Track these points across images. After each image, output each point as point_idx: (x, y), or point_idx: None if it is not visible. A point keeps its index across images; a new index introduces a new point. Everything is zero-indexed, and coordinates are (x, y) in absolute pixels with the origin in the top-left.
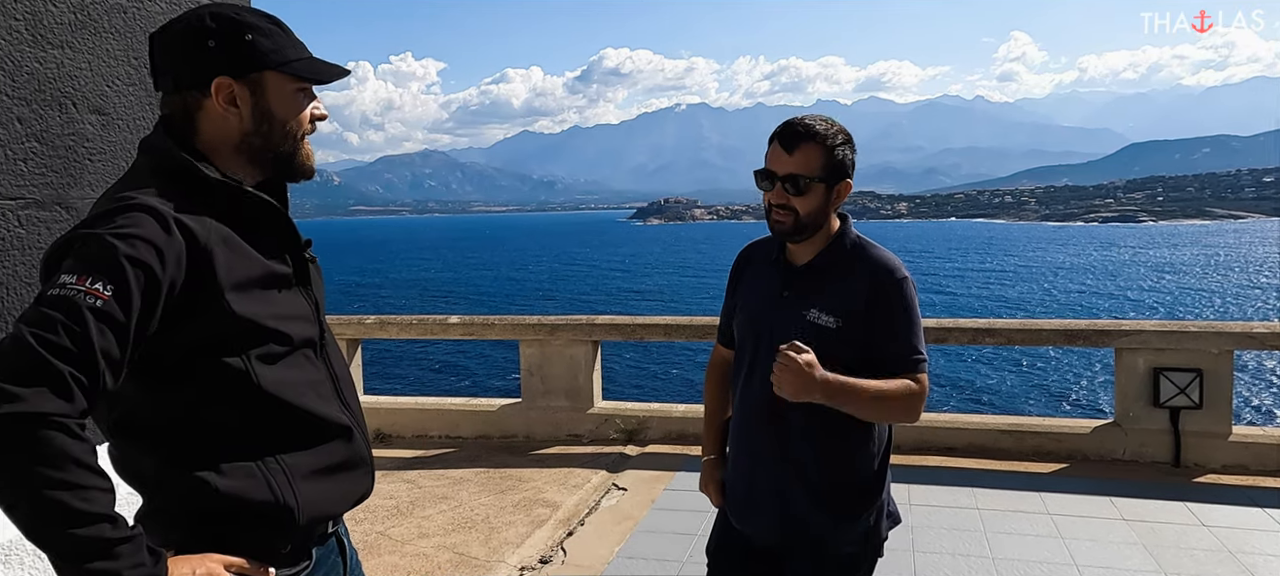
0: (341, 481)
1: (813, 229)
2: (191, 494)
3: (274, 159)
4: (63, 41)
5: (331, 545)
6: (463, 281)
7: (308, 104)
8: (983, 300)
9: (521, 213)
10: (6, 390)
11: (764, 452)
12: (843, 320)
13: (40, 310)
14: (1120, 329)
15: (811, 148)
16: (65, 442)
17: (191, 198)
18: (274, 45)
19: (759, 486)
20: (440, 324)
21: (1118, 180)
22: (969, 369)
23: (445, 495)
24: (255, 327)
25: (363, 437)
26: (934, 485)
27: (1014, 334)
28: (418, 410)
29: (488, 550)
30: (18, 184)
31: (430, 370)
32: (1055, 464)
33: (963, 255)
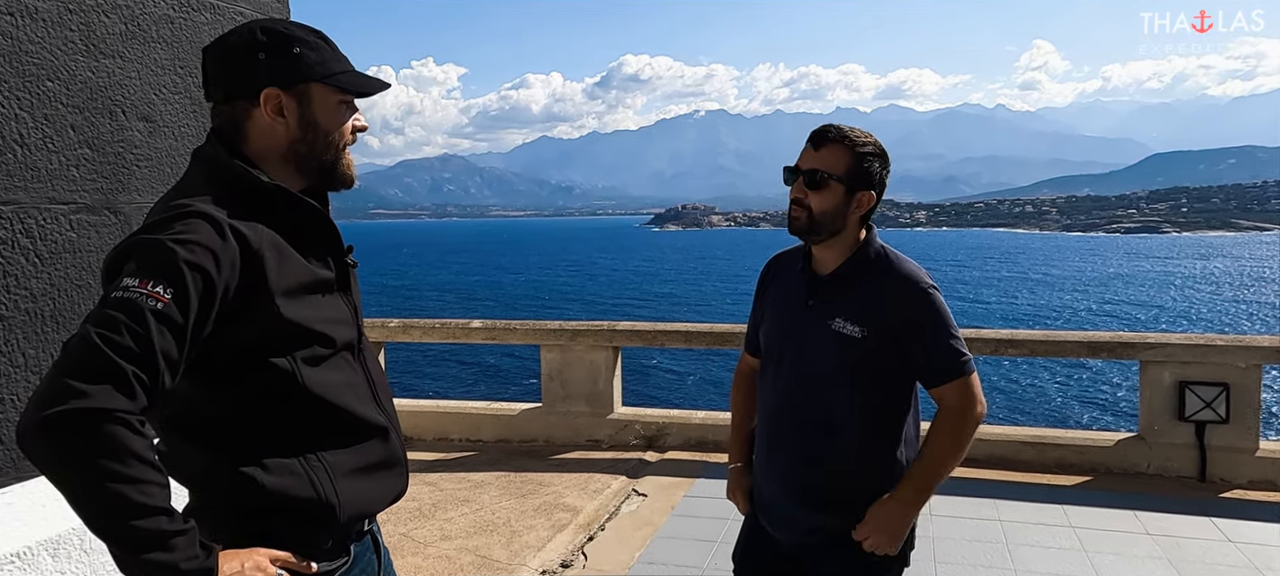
0: (379, 480)
1: (827, 231)
2: (238, 489)
3: (318, 167)
4: (114, 51)
5: (367, 543)
6: (482, 285)
7: (350, 116)
8: (1006, 310)
9: (539, 217)
10: (74, 387)
11: (790, 459)
12: (869, 331)
13: (105, 311)
14: (1145, 341)
15: (837, 148)
16: (127, 437)
17: (244, 204)
18: (320, 58)
19: (786, 492)
20: (462, 328)
21: (1140, 190)
22: (991, 380)
23: (466, 498)
24: (302, 331)
25: (398, 438)
26: (955, 496)
27: (1037, 345)
28: (439, 413)
29: (509, 553)
30: (70, 189)
31: (452, 373)
32: (1078, 476)
33: (983, 264)
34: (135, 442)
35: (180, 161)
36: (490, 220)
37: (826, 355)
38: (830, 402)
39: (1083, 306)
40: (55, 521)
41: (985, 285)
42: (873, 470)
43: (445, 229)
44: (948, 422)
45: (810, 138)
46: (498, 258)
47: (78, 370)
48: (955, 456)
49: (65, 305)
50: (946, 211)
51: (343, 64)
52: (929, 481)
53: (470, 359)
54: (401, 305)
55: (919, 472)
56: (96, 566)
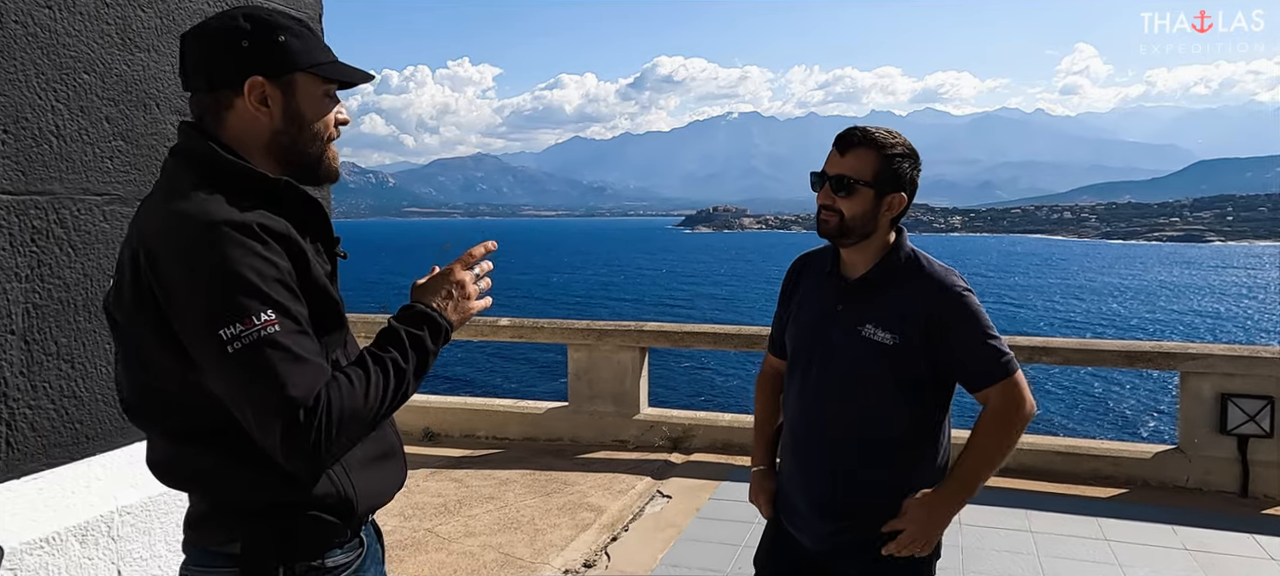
0: (387, 470)
1: (859, 235)
2: (252, 489)
3: (302, 160)
4: (149, 45)
5: (370, 529)
6: (512, 284)
7: (334, 107)
8: (1045, 317)
9: (571, 217)
10: (292, 411)
11: (818, 464)
12: (900, 337)
13: (239, 370)
14: (1186, 352)
15: (865, 152)
16: (333, 393)
17: (248, 200)
18: (305, 47)
19: (812, 498)
20: (490, 325)
21: (1184, 198)
22: None
23: (491, 495)
24: (322, 323)
25: (394, 430)
26: (985, 505)
27: (1072, 354)
28: (466, 410)
29: (532, 551)
30: (104, 180)
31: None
32: (1114, 489)
33: (1021, 271)
34: (339, 386)
35: None
36: (522, 220)
37: (857, 361)
38: (860, 409)
39: (1132, 315)
40: (83, 508)
41: (1030, 292)
42: (903, 477)
43: (477, 228)
44: (995, 423)
45: (836, 141)
46: (529, 257)
47: (273, 405)
48: (1001, 456)
49: (97, 295)
50: (982, 216)
51: (327, 53)
52: (973, 480)
53: (498, 356)
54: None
55: (963, 471)
56: (123, 553)
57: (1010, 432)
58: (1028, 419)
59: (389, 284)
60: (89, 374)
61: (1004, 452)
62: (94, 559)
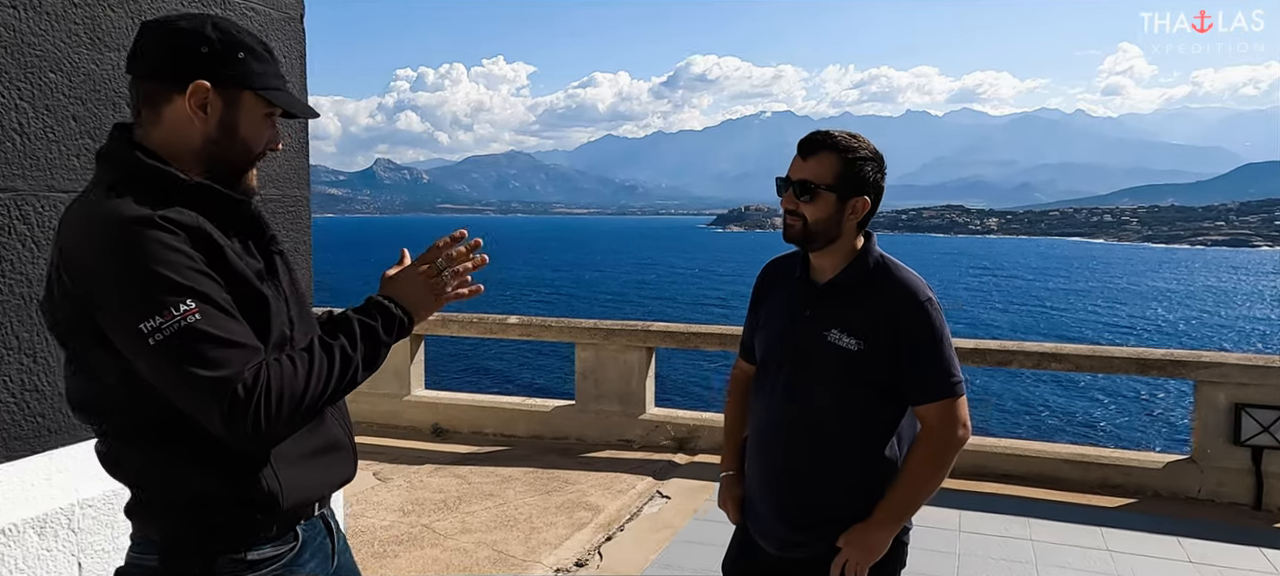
0: (323, 466)
1: (824, 239)
2: (177, 486)
3: (225, 172)
4: (119, 45)
5: (317, 525)
6: (545, 281)
7: (271, 134)
8: (1088, 322)
9: (602, 216)
10: (227, 391)
11: (776, 467)
12: (865, 343)
13: (165, 358)
14: (1200, 360)
15: (827, 156)
16: (273, 372)
17: (164, 198)
18: (261, 70)
19: (774, 503)
20: (499, 323)
21: (1230, 202)
22: (1035, 394)
23: (492, 492)
24: (251, 312)
25: (341, 425)
26: (988, 513)
27: (1083, 360)
28: (475, 407)
29: (526, 549)
30: (70, 178)
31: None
32: (1123, 498)
33: (1061, 274)
34: (282, 362)
35: None
36: (554, 217)
37: (821, 366)
38: (823, 415)
39: (1178, 319)
40: (42, 501)
41: (1071, 295)
42: (864, 485)
43: (510, 225)
44: (928, 444)
45: (799, 146)
46: (562, 254)
47: (207, 387)
48: (934, 479)
49: None
50: (1019, 219)
51: (280, 82)
52: (906, 505)
53: (516, 354)
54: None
55: (897, 496)
56: (84, 545)
57: (944, 455)
58: (961, 443)
59: None
60: (51, 368)
61: (939, 476)
62: (53, 550)
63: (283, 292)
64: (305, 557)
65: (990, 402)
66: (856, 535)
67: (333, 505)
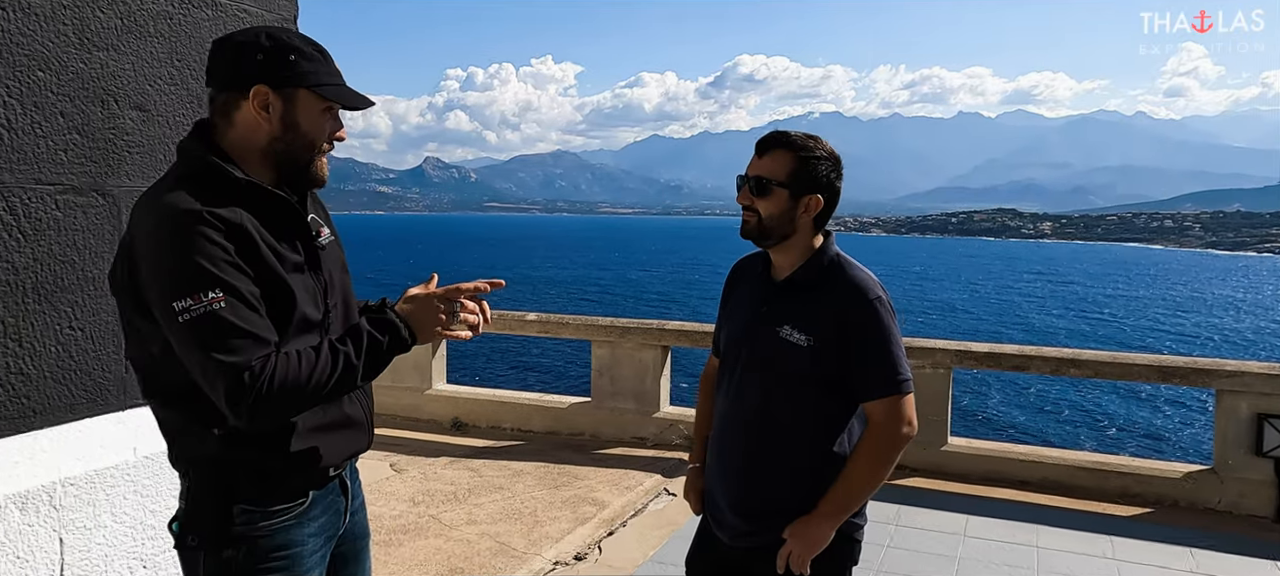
0: (334, 438)
1: (778, 236)
2: (203, 444)
3: (294, 165)
4: (109, 44)
5: (333, 487)
6: (591, 280)
7: (332, 125)
8: (1151, 331)
9: (647, 215)
10: (234, 373)
11: (732, 461)
12: (815, 339)
13: (192, 339)
14: (1222, 369)
15: (781, 154)
16: (279, 363)
17: (218, 194)
18: (313, 68)
19: (729, 496)
20: (518, 320)
21: None
22: (1054, 400)
23: (502, 486)
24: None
25: (361, 403)
26: (996, 518)
27: (1102, 367)
28: (494, 402)
29: (527, 542)
30: (57, 171)
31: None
32: (1139, 508)
33: (1120, 280)
34: (290, 357)
35: (174, 149)
36: (599, 216)
37: (774, 361)
38: (775, 410)
39: (1247, 327)
40: (25, 478)
41: (1133, 303)
42: (813, 479)
43: (556, 224)
44: (872, 441)
45: (756, 145)
46: (607, 254)
47: (219, 368)
48: (876, 476)
49: (47, 278)
50: (1074, 223)
51: (333, 77)
52: (848, 500)
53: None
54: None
55: (839, 490)
56: (66, 522)
57: (887, 451)
58: (906, 440)
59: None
60: (37, 353)
61: (881, 472)
62: (34, 525)
63: (323, 281)
64: (316, 512)
65: (1006, 408)
66: (800, 527)
67: (358, 469)
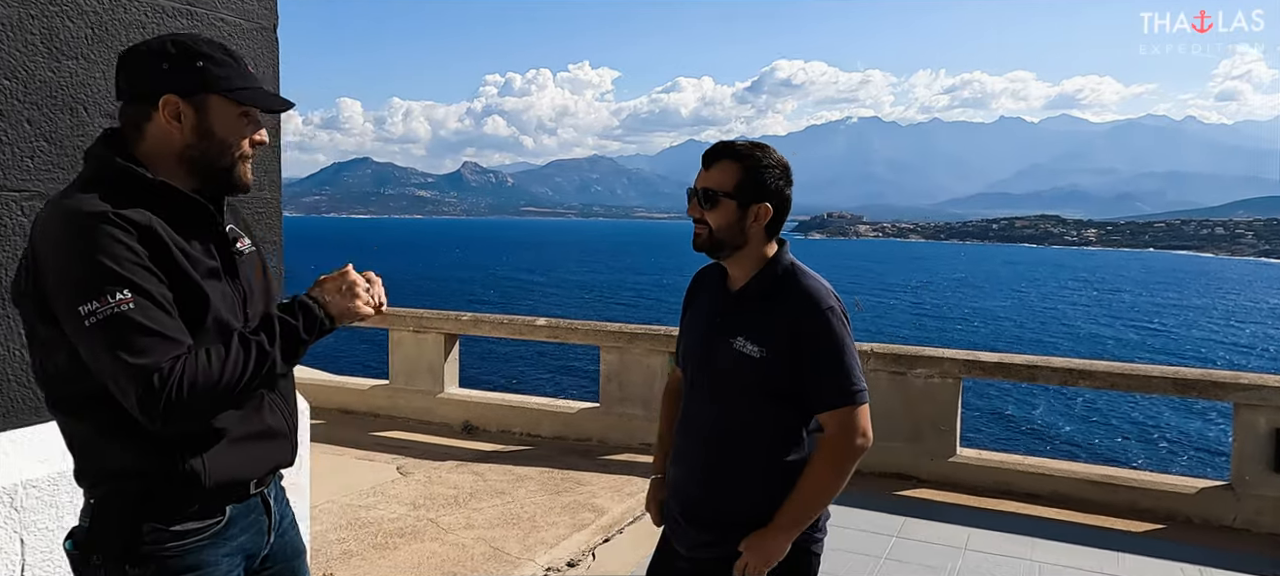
0: (254, 450)
1: (730, 247)
2: (109, 457)
3: (212, 172)
4: (78, 54)
5: (253, 504)
6: (628, 284)
7: (251, 129)
8: (1206, 342)
9: (682, 220)
10: (144, 377)
11: (688, 472)
12: (768, 350)
13: (97, 342)
14: (1238, 382)
15: (728, 164)
16: (188, 363)
17: (129, 198)
18: (223, 73)
19: (683, 503)
20: (527, 325)
21: None
22: (1063, 412)
23: (503, 490)
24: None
25: (282, 413)
26: (999, 532)
27: (1115, 378)
28: (504, 406)
29: (522, 547)
30: (23, 177)
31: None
32: (1150, 524)
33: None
34: (200, 355)
35: None
36: (634, 221)
37: (730, 374)
38: (731, 422)
39: None
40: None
41: (1187, 312)
42: (769, 491)
43: (591, 228)
44: (826, 452)
45: (702, 157)
46: (643, 258)
47: (129, 382)
48: (831, 488)
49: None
50: (1120, 230)
51: (246, 81)
52: (804, 512)
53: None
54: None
55: (794, 503)
56: (27, 523)
57: (841, 463)
58: (859, 452)
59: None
60: (2, 356)
61: (836, 484)
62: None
63: (242, 289)
64: (233, 532)
65: (1014, 418)
66: (756, 540)
67: (287, 486)
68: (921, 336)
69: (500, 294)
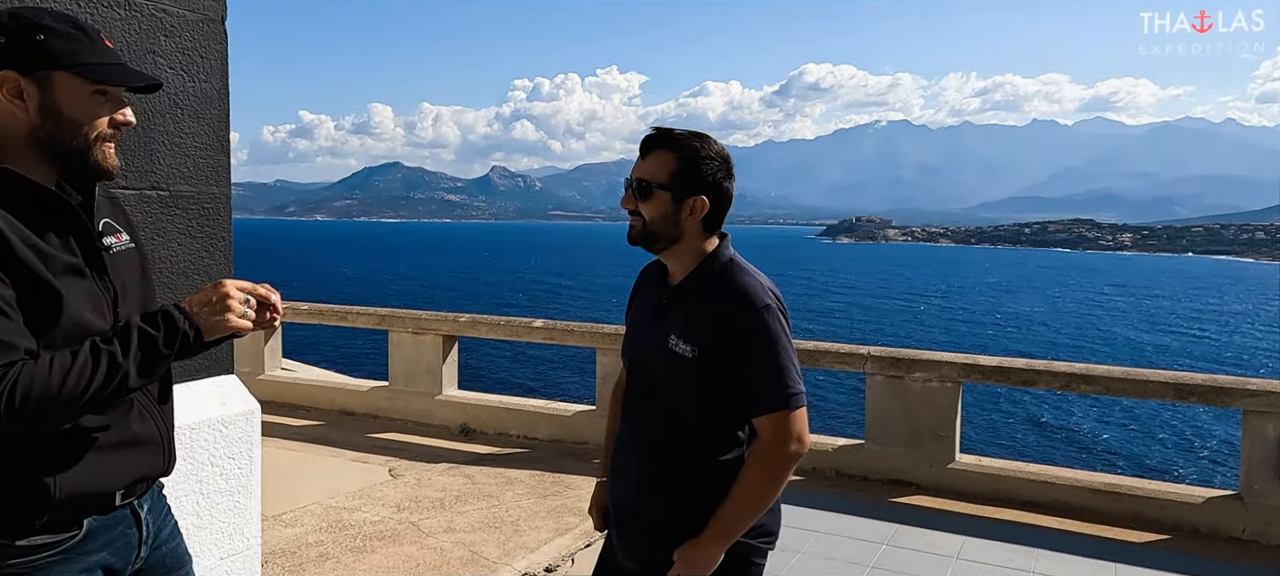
0: (116, 459)
1: (665, 240)
2: None
3: (64, 155)
4: None
5: (121, 516)
6: None
7: (111, 108)
8: (1239, 350)
9: None
10: None
11: (624, 475)
12: (700, 349)
13: None
14: (1245, 388)
15: (663, 154)
16: (25, 371)
17: None
18: (69, 48)
19: (619, 508)
20: (525, 327)
21: None
22: (1070, 417)
23: (492, 494)
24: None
25: (154, 419)
26: (996, 541)
27: (1114, 383)
28: (501, 409)
29: (501, 552)
30: None
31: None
32: (1154, 535)
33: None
34: (40, 362)
35: None
36: None
37: (662, 373)
38: (664, 425)
39: None
40: None
41: (1235, 318)
42: (702, 499)
43: (619, 231)
44: (759, 458)
45: (640, 145)
46: None
47: None
48: (764, 496)
49: None
50: (1157, 234)
51: (99, 55)
52: (735, 522)
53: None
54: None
55: (725, 512)
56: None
57: (774, 470)
58: (793, 458)
59: (529, 281)
60: None
61: (770, 491)
62: None
63: (111, 288)
64: (92, 547)
65: (1014, 424)
66: (687, 551)
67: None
68: (951, 341)
69: (529, 297)
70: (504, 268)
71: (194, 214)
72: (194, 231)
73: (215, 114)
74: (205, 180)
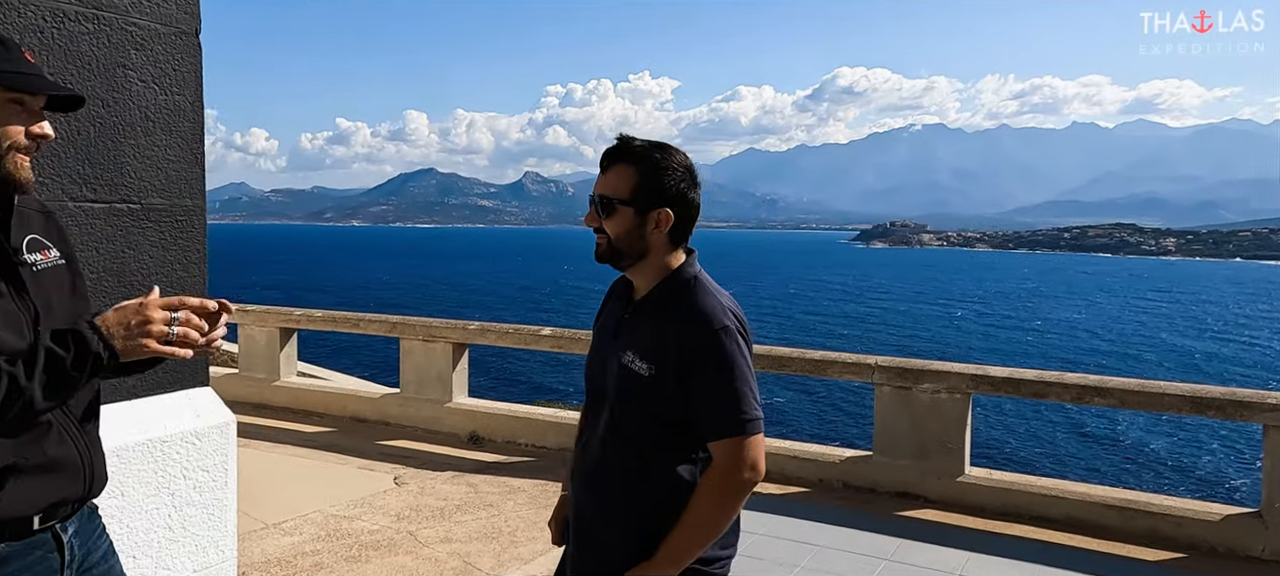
0: (30, 484)
1: (632, 256)
2: None
3: None
4: None
5: (40, 541)
6: None
7: (28, 120)
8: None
9: (742, 230)
10: None
11: (580, 494)
12: (656, 368)
13: None
14: (1265, 402)
15: (624, 168)
16: None
17: None
18: None
19: (575, 526)
20: (533, 335)
21: None
22: (1081, 430)
23: (493, 503)
24: None
25: (73, 442)
26: (1001, 557)
27: (1128, 396)
28: (511, 417)
29: (496, 562)
30: None
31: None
32: (1170, 553)
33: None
34: None
35: (44, 163)
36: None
37: (619, 392)
38: (622, 442)
39: None
40: None
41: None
42: (655, 523)
43: None
44: (710, 485)
45: (600, 159)
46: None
47: None
48: (715, 524)
49: None
50: (1202, 239)
51: (15, 65)
52: (684, 550)
53: None
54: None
55: (675, 539)
56: None
57: (726, 497)
58: (747, 487)
59: (559, 287)
60: None
61: (721, 519)
62: None
63: (31, 307)
64: (8, 573)
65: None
66: (636, 574)
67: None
68: (992, 349)
69: (563, 302)
70: (536, 272)
71: (167, 227)
72: (167, 244)
73: (188, 127)
74: (178, 193)
